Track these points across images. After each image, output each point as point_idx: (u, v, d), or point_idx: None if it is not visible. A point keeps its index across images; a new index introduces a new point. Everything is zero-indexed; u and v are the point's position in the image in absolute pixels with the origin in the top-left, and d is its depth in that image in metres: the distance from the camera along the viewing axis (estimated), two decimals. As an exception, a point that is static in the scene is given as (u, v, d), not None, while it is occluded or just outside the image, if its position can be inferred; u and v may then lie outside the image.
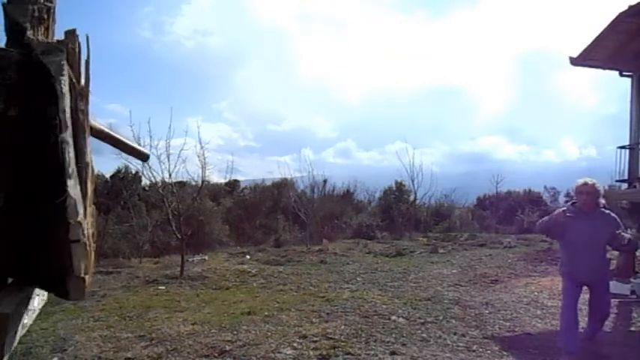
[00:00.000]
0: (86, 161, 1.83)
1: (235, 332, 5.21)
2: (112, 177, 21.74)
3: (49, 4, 1.92)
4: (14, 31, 1.84)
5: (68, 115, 1.70)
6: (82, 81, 1.92)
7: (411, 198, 19.68)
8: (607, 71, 9.47)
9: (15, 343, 1.84)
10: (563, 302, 4.63)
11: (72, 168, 1.67)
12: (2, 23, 1.86)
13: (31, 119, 1.77)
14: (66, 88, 1.72)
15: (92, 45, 1.91)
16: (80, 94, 1.87)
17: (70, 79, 1.82)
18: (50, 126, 1.70)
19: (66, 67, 1.75)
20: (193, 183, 12.44)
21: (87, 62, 1.92)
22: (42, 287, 1.95)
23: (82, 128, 1.85)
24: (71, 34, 1.88)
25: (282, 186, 20.28)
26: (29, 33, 1.80)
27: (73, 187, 1.65)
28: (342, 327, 5.36)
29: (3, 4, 1.85)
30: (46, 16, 1.88)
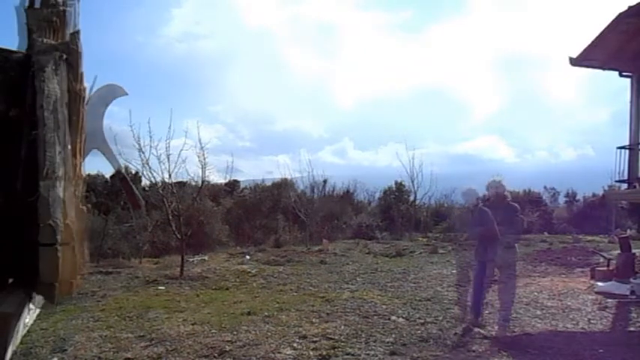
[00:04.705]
0: (75, 162, 1.78)
1: (235, 332, 5.21)
2: (111, 177, 21.68)
3: (60, 9, 1.91)
4: (28, 33, 1.85)
5: (49, 112, 1.64)
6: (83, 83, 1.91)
7: (411, 198, 19.68)
8: (605, 72, 9.46)
9: (17, 342, 1.83)
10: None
11: (50, 168, 1.59)
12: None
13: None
14: (52, 85, 1.68)
15: (87, 48, 1.91)
16: (78, 95, 1.85)
17: (69, 79, 1.81)
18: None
19: (51, 65, 1.71)
20: (193, 183, 12.43)
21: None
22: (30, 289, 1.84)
23: (75, 129, 1.83)
24: (75, 35, 1.89)
25: (282, 186, 20.26)
26: (35, 35, 1.80)
27: (48, 187, 1.56)
28: (342, 327, 5.36)
29: (24, 9, 1.85)
30: (56, 19, 1.87)
